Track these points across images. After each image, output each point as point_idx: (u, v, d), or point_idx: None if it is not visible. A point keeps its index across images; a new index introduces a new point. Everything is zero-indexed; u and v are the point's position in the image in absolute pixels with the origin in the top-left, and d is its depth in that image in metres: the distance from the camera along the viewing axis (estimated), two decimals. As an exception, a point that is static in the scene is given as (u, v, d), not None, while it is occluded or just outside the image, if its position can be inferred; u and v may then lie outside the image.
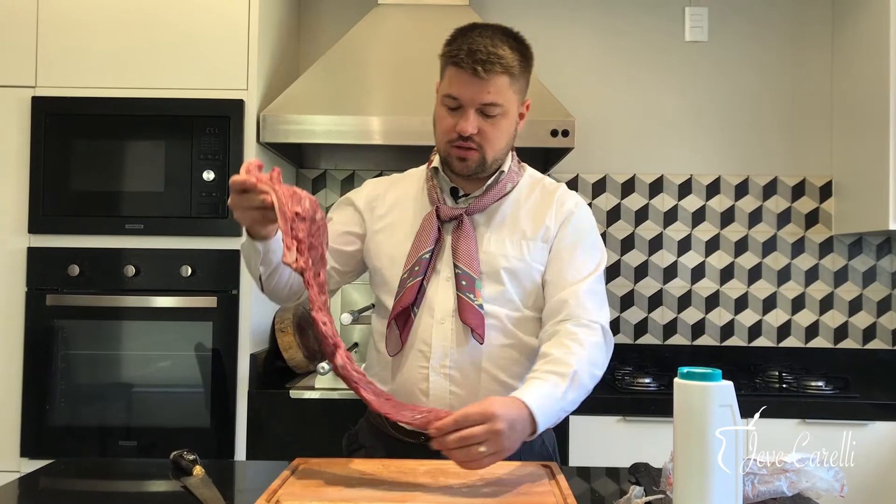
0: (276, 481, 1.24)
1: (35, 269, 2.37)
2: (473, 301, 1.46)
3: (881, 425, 2.30)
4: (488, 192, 1.53)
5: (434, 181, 1.56)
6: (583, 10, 3.01)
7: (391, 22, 2.65)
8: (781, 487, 1.17)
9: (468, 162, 1.48)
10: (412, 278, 1.47)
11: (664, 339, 2.96)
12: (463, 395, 1.48)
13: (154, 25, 2.40)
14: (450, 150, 1.49)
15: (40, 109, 2.38)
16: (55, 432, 2.34)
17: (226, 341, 2.35)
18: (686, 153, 3.00)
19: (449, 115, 1.48)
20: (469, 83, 1.43)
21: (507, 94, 1.46)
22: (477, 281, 1.47)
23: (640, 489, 1.19)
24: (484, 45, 1.43)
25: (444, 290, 1.50)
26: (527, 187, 1.59)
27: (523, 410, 1.29)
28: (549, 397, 1.33)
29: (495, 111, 1.46)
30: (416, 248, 1.50)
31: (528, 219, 1.54)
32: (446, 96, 1.47)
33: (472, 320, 1.45)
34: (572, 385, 1.37)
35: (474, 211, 1.52)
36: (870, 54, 2.69)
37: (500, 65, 1.43)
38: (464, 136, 1.45)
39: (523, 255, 1.51)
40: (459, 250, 1.48)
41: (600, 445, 2.31)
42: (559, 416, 1.37)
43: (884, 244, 2.95)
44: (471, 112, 1.45)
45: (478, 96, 1.44)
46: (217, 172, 2.37)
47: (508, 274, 1.51)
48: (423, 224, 1.52)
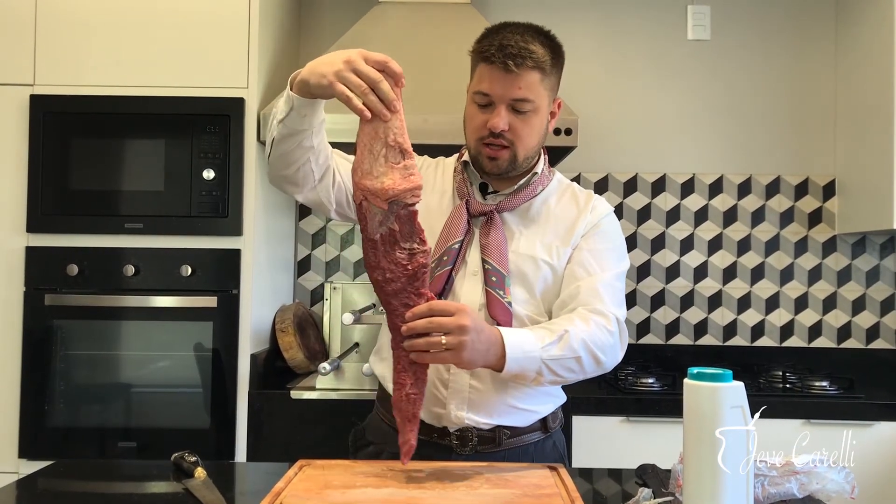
0: (279, 482, 1.23)
1: (34, 268, 2.35)
2: (503, 298, 1.45)
3: (886, 425, 2.29)
4: (519, 191, 1.52)
5: (464, 175, 1.55)
6: (586, 8, 3.00)
7: (392, 20, 2.63)
8: (792, 489, 1.16)
9: (499, 161, 1.47)
10: (440, 268, 1.46)
11: (667, 339, 2.95)
12: (482, 390, 1.47)
13: (154, 23, 2.39)
14: (480, 149, 1.47)
15: (39, 107, 2.36)
16: (54, 433, 2.33)
17: (226, 341, 2.33)
18: (689, 152, 2.98)
19: (479, 112, 1.46)
20: (500, 78, 1.42)
21: (538, 89, 1.44)
22: (507, 278, 1.46)
23: (648, 491, 1.18)
24: (515, 40, 1.42)
25: (471, 283, 1.49)
26: (556, 192, 1.57)
27: (495, 333, 1.31)
28: (528, 342, 1.34)
29: (526, 107, 1.44)
30: (444, 238, 1.48)
31: (560, 224, 1.53)
32: (477, 93, 1.45)
33: (501, 316, 1.44)
34: (559, 343, 1.35)
35: (504, 209, 1.51)
36: (873, 53, 2.67)
37: (532, 59, 1.41)
38: (494, 133, 1.44)
39: (552, 260, 1.50)
40: (489, 246, 1.47)
41: (603, 446, 2.29)
42: (537, 367, 1.34)
43: (887, 243, 2.94)
44: (502, 108, 1.43)
45: (508, 92, 1.42)
46: (217, 171, 2.35)
47: (537, 276, 1.49)
48: (453, 215, 1.50)
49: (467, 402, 1.47)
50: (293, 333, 2.56)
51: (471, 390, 1.47)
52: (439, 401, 1.47)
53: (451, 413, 1.47)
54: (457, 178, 1.56)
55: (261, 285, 2.46)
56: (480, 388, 1.47)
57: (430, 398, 1.46)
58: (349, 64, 1.22)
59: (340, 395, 2.31)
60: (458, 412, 1.47)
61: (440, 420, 1.48)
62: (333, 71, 1.22)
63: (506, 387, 1.47)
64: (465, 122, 1.52)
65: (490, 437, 1.48)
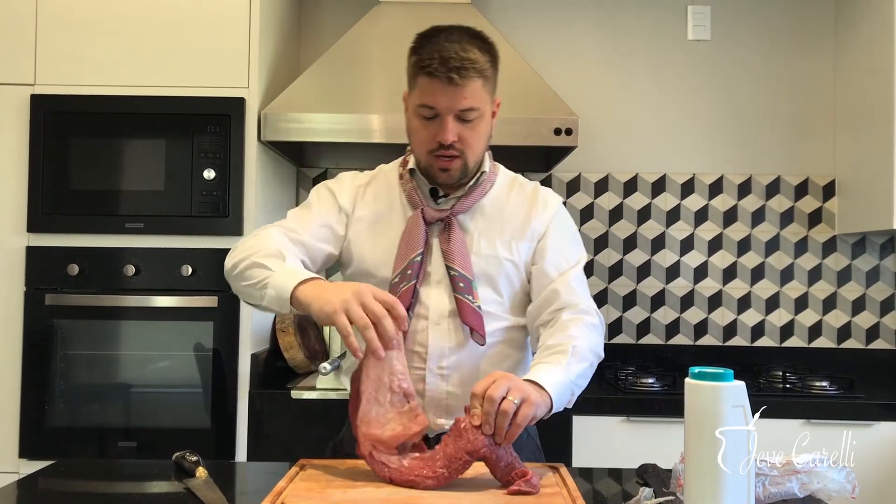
0: (281, 482, 1.23)
1: (34, 268, 2.35)
2: (472, 302, 1.46)
3: (885, 426, 2.28)
4: (471, 192, 1.52)
5: (413, 182, 1.54)
6: (586, 8, 3.00)
7: (392, 20, 2.63)
8: (793, 489, 1.16)
9: (451, 171, 1.47)
10: (405, 282, 1.46)
11: (667, 339, 2.95)
12: (459, 395, 1.49)
13: (154, 23, 2.39)
14: (431, 161, 1.47)
15: (39, 107, 2.36)
16: (54, 433, 2.33)
17: (226, 341, 2.33)
18: (689, 152, 2.98)
19: (425, 124, 1.45)
20: (444, 91, 1.40)
21: (482, 96, 1.44)
22: (473, 282, 1.47)
23: (649, 490, 1.18)
24: (455, 50, 1.40)
25: (437, 292, 1.49)
26: (505, 186, 1.59)
27: (529, 383, 1.31)
28: (555, 373, 1.36)
29: (473, 115, 1.43)
30: (404, 252, 1.47)
31: (514, 219, 1.54)
32: (421, 106, 1.44)
33: (473, 321, 1.45)
34: (574, 357, 1.39)
35: (459, 212, 1.51)
36: (873, 53, 2.68)
37: (475, 69, 1.41)
38: (444, 145, 1.43)
39: (513, 255, 1.52)
40: (453, 252, 1.47)
41: (603, 446, 2.29)
42: (571, 391, 1.39)
43: (887, 244, 2.94)
44: (449, 120, 1.42)
45: (455, 103, 1.41)
46: (218, 171, 2.35)
47: (501, 275, 1.51)
48: (410, 226, 1.49)
49: (445, 409, 1.49)
50: (293, 333, 2.56)
51: (448, 396, 1.49)
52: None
53: (431, 421, 1.48)
54: (405, 186, 1.54)
55: (261, 285, 2.46)
56: (457, 393, 1.49)
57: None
58: (357, 297, 1.24)
59: (340, 395, 2.31)
60: (437, 419, 1.49)
61: None
62: (340, 300, 1.24)
63: None
64: (410, 135, 1.50)
65: None
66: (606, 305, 2.95)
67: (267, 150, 2.52)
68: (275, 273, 1.35)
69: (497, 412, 1.21)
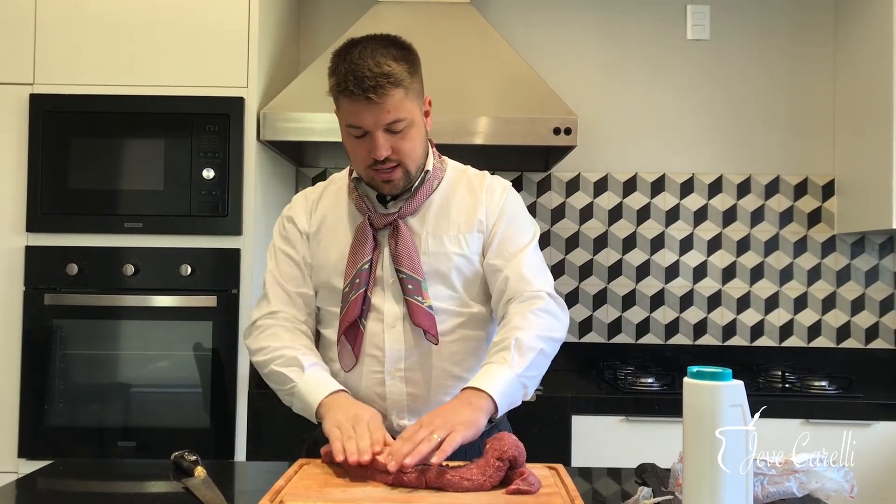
0: (279, 481, 1.23)
1: (33, 268, 2.35)
2: (423, 303, 1.46)
3: (884, 425, 2.29)
4: (416, 193, 1.51)
5: (358, 191, 1.53)
6: (585, 7, 3.00)
7: (391, 19, 2.63)
8: (791, 488, 1.16)
9: (394, 181, 1.46)
10: (354, 291, 1.47)
11: (666, 339, 2.95)
12: (420, 395, 1.50)
13: (153, 22, 2.39)
14: (372, 175, 1.46)
15: (38, 107, 2.36)
16: (53, 433, 2.33)
17: (226, 341, 2.33)
18: (688, 152, 2.99)
19: (358, 143, 1.44)
20: (365, 110, 1.39)
21: (406, 105, 1.42)
22: (423, 283, 1.47)
23: (647, 490, 1.18)
24: (368, 67, 1.37)
25: (390, 295, 1.50)
26: (453, 181, 1.58)
27: (466, 393, 1.34)
28: (497, 373, 1.37)
29: (401, 126, 1.42)
30: (353, 260, 1.48)
31: (461, 212, 1.54)
32: (349, 126, 1.43)
33: (424, 322, 1.46)
34: (517, 351, 1.39)
35: (406, 214, 1.51)
36: (872, 52, 2.68)
37: (390, 83, 1.38)
38: (379, 161, 1.43)
39: (463, 249, 1.52)
40: (401, 255, 1.47)
41: (603, 445, 2.30)
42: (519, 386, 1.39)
43: (886, 243, 2.94)
44: (378, 135, 1.41)
45: (379, 119, 1.40)
46: (217, 171, 2.35)
47: (452, 271, 1.51)
48: (357, 235, 1.50)
49: (407, 410, 1.50)
50: (293, 333, 2.56)
51: (408, 398, 1.50)
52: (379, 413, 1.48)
53: (394, 423, 1.50)
54: (352, 196, 1.54)
55: (261, 285, 2.45)
56: (417, 393, 1.50)
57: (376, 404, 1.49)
58: (353, 420, 1.34)
59: (340, 395, 2.31)
60: (400, 420, 1.50)
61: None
62: (337, 420, 1.35)
63: (441, 387, 1.50)
64: (349, 153, 1.50)
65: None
66: (606, 305, 2.95)
67: (266, 149, 2.52)
68: (297, 384, 1.46)
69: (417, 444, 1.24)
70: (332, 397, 1.42)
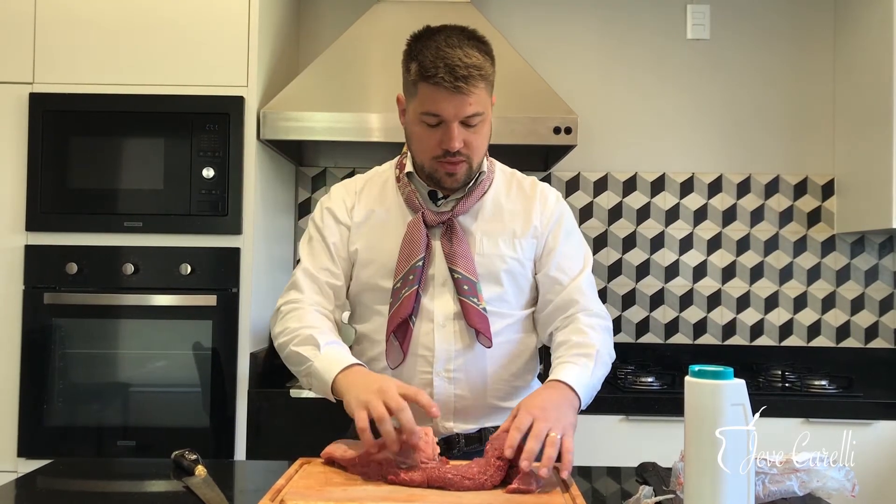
0: (280, 480, 1.22)
1: (33, 267, 2.34)
2: (478, 305, 1.45)
3: (884, 424, 2.29)
4: (471, 192, 1.51)
5: (411, 186, 1.52)
6: (585, 7, 3.00)
7: (391, 19, 2.63)
8: (792, 487, 1.16)
9: (457, 175, 1.46)
10: (407, 288, 1.45)
11: (666, 339, 2.95)
12: (467, 397, 1.49)
13: (153, 21, 2.38)
14: (436, 167, 1.45)
15: (38, 106, 2.36)
16: (53, 432, 2.32)
17: (225, 340, 2.33)
18: (688, 151, 2.99)
19: (430, 132, 1.43)
20: (450, 100, 1.38)
21: (485, 99, 1.43)
22: (478, 284, 1.46)
23: (649, 489, 1.18)
24: (458, 57, 1.37)
25: (441, 294, 1.49)
26: (504, 183, 1.58)
27: (559, 388, 1.35)
28: (581, 375, 1.39)
29: (477, 120, 1.42)
30: (405, 256, 1.47)
31: (515, 217, 1.54)
32: (425, 114, 1.41)
33: (478, 324, 1.45)
34: (598, 362, 1.43)
35: (460, 213, 1.50)
36: (872, 52, 2.68)
37: (480, 76, 1.39)
38: (451, 153, 1.42)
39: (517, 253, 1.52)
40: (456, 255, 1.46)
41: (602, 445, 2.29)
42: (592, 394, 1.42)
43: (886, 242, 2.94)
44: (454, 127, 1.40)
45: (460, 111, 1.39)
46: (217, 170, 2.35)
47: (506, 274, 1.51)
48: (411, 231, 1.48)
49: (453, 412, 1.50)
50: (292, 332, 2.56)
51: (455, 399, 1.49)
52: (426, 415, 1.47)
53: (439, 425, 1.49)
54: (403, 189, 1.53)
55: (260, 284, 2.46)
56: (466, 395, 1.49)
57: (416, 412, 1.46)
58: (380, 393, 1.26)
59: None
60: (446, 423, 1.50)
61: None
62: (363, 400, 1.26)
63: (488, 390, 1.51)
64: (412, 141, 1.48)
65: (476, 436, 1.51)
66: (606, 304, 2.94)
67: (266, 148, 2.52)
68: (313, 363, 1.41)
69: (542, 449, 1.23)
70: (347, 372, 1.36)
